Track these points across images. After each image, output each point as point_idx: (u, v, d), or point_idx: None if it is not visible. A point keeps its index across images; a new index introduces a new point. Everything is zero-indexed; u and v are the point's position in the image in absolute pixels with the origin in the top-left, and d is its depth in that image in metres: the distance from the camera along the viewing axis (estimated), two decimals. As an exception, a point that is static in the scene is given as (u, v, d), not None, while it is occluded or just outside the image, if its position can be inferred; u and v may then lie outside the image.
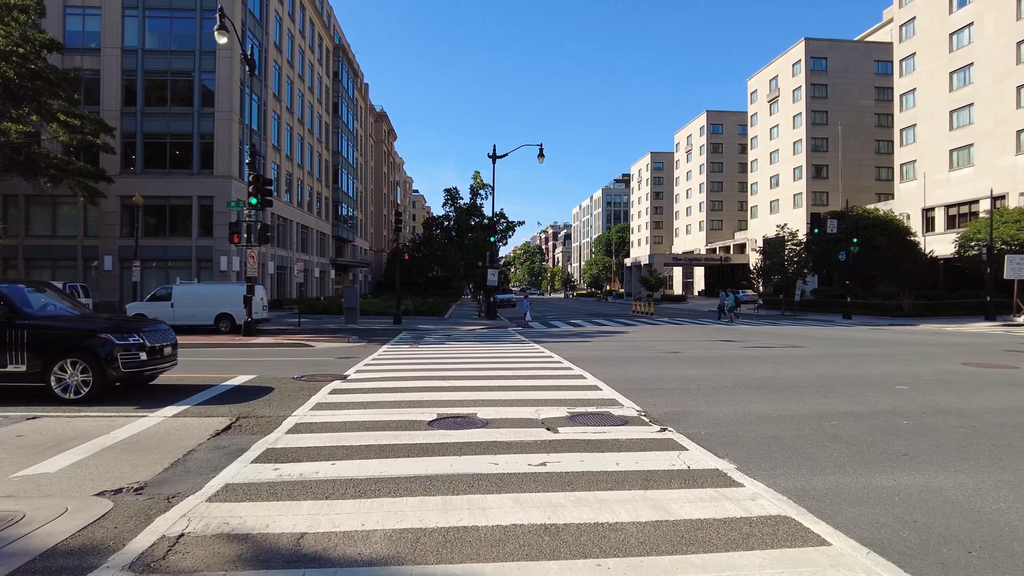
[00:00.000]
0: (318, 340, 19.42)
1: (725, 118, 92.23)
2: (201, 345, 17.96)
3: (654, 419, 7.74)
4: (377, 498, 4.81)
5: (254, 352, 16.45)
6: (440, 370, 12.12)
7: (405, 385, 10.29)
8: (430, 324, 27.74)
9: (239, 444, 6.53)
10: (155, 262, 33.84)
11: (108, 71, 32.89)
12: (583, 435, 6.83)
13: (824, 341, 19.70)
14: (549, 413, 7.98)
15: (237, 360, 14.44)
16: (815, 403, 8.85)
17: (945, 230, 43.96)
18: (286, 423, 7.51)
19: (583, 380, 10.85)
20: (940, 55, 45.05)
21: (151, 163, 33.69)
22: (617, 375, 11.53)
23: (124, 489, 5.05)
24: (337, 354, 15.74)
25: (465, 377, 11.13)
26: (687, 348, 17.30)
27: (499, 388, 9.91)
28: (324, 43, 55.30)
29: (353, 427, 7.25)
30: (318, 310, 33.51)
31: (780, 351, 16.37)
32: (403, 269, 62.02)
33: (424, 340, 20.11)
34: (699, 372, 12.09)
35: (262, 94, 38.78)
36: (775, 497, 4.82)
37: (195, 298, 23.96)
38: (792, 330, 25.59)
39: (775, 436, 6.87)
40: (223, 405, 8.61)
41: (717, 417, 7.89)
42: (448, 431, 7.02)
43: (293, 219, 45.04)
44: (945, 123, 44.50)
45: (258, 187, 20.06)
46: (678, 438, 6.73)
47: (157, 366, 9.46)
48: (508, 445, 6.38)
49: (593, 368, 12.49)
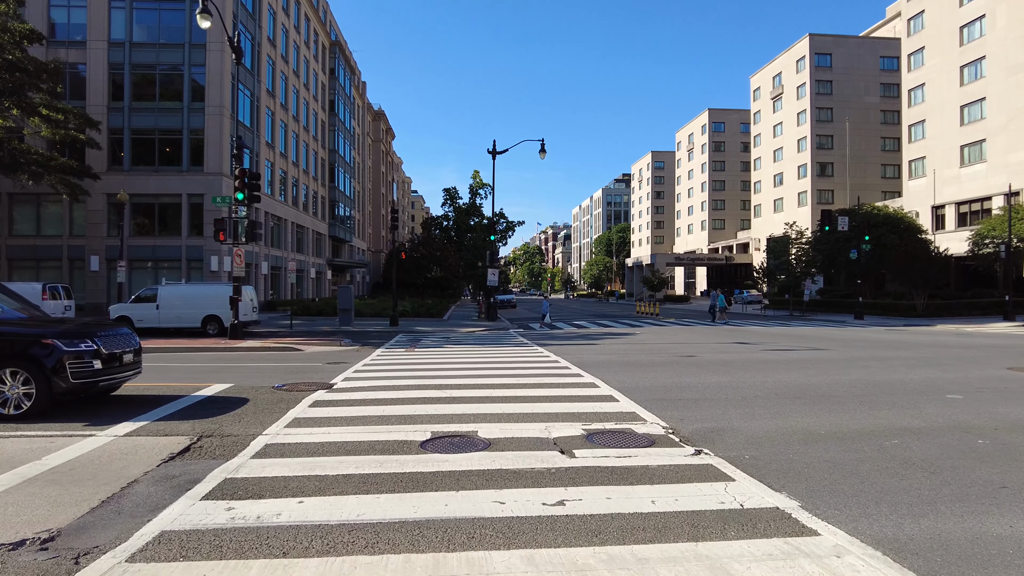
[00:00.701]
0: (308, 343, 18.31)
1: (727, 116, 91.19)
2: (182, 349, 16.84)
3: (685, 438, 6.64)
4: (349, 555, 3.70)
5: (237, 357, 15.34)
6: (437, 377, 11.02)
7: (397, 396, 9.18)
8: (428, 326, 26.64)
9: (193, 473, 5.42)
10: (144, 262, 32.72)
11: (94, 65, 31.77)
12: (605, 460, 5.72)
13: (845, 343, 18.60)
14: (562, 431, 6.88)
15: (217, 366, 13.32)
16: (864, 417, 7.75)
17: (956, 228, 42.88)
18: (254, 444, 6.41)
19: (596, 389, 9.75)
20: (950, 49, 43.99)
21: (139, 160, 32.57)
22: (632, 383, 10.43)
23: (27, 542, 3.94)
24: (327, 359, 14.63)
25: (464, 386, 10.03)
26: (701, 351, 16.19)
27: (502, 399, 8.82)
28: (320, 39, 54.22)
29: (332, 450, 6.15)
30: (312, 312, 32.39)
31: (803, 355, 15.27)
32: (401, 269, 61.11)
33: (421, 343, 19.01)
34: (722, 379, 10.98)
35: (255, 89, 37.68)
36: (866, 552, 3.72)
37: (181, 299, 22.86)
38: (806, 331, 24.50)
39: (833, 460, 5.77)
40: (187, 421, 7.50)
41: (757, 435, 6.79)
42: (444, 455, 5.92)
43: (288, 218, 43.93)
44: (956, 118, 43.43)
45: (245, 182, 18.97)
46: (719, 464, 5.63)
47: (115, 376, 8.35)
48: (516, 475, 5.27)
49: (605, 374, 11.38)
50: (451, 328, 25.66)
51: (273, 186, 41.06)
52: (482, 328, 25.89)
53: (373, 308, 33.85)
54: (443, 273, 61.87)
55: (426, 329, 24.85)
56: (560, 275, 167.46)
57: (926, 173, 46.44)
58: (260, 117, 38.46)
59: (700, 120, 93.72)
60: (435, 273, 62.07)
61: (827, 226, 32.76)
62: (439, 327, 26.15)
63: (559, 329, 26.20)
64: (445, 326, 26.89)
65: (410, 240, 73.86)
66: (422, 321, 29.74)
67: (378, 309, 33.04)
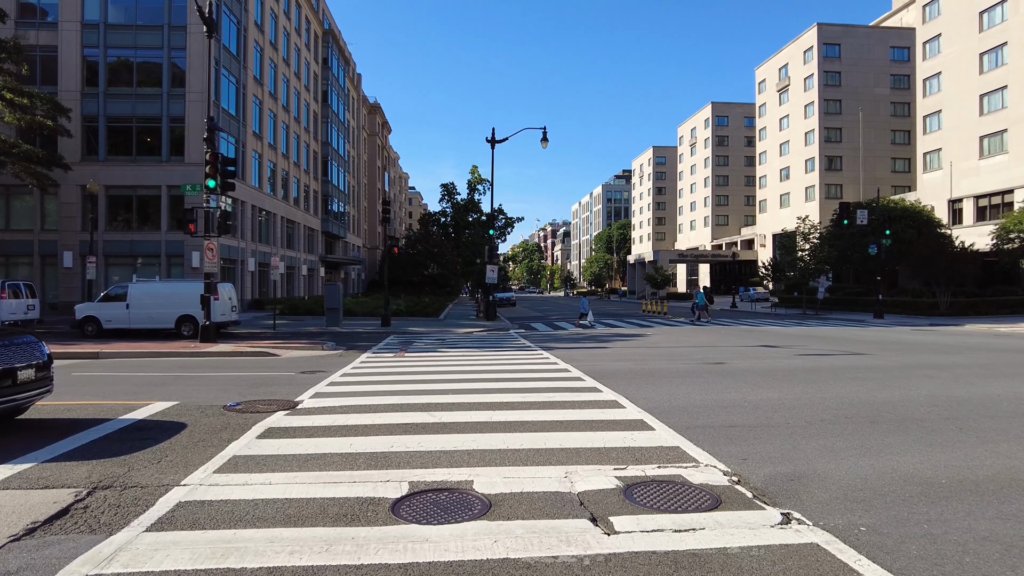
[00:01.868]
0: (287, 347, 16.47)
1: (731, 110, 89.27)
2: (144, 354, 14.99)
3: (759, 491, 4.81)
4: None
5: (202, 364, 13.49)
6: (425, 393, 9.19)
7: (373, 420, 7.34)
8: (422, 326, 24.80)
9: (43, 564, 3.58)
10: (121, 258, 30.81)
11: (67, 47, 29.78)
12: (659, 538, 3.89)
13: (882, 346, 16.78)
14: (588, 479, 5.05)
15: (172, 376, 11.47)
16: (983, 453, 5.92)
17: (975, 222, 41.06)
18: (162, 503, 4.57)
19: (621, 411, 7.91)
20: (969, 35, 42.11)
21: (116, 149, 30.61)
22: (663, 400, 8.61)
23: None
24: (302, 366, 12.79)
25: (458, 405, 8.20)
26: (728, 356, 14.36)
27: (505, 426, 6.99)
28: (312, 27, 52.19)
29: (266, 514, 4.31)
30: (300, 311, 30.53)
31: (845, 361, 13.44)
32: (397, 267, 59.41)
33: (413, 346, 17.19)
34: (771, 394, 9.15)
35: (241, 76, 35.73)
36: None
37: (153, 298, 21.01)
38: (828, 332, 22.69)
39: (1000, 538, 3.93)
40: (88, 461, 5.66)
41: (854, 485, 4.96)
42: (424, 527, 4.08)
43: (278, 212, 42.00)
44: (975, 108, 41.57)
45: (217, 168, 17.09)
46: (828, 543, 3.80)
47: (9, 398, 6.50)
48: (530, 571, 3.44)
49: (627, 389, 9.55)
50: (447, 328, 23.83)
51: (261, 178, 39.14)
52: (480, 328, 24.06)
53: (365, 307, 31.98)
54: (440, 270, 60.10)
55: (420, 330, 23.01)
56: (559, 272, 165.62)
57: (942, 166, 44.61)
58: (247, 105, 36.51)
59: (703, 114, 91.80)
60: (432, 270, 60.30)
61: (845, 219, 30.99)
62: (434, 327, 24.31)
63: (563, 330, 24.38)
64: (441, 326, 25.06)
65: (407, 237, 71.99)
66: (417, 321, 27.90)
67: (371, 308, 31.18)
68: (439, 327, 24.49)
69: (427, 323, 26.65)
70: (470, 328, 24.04)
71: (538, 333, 22.61)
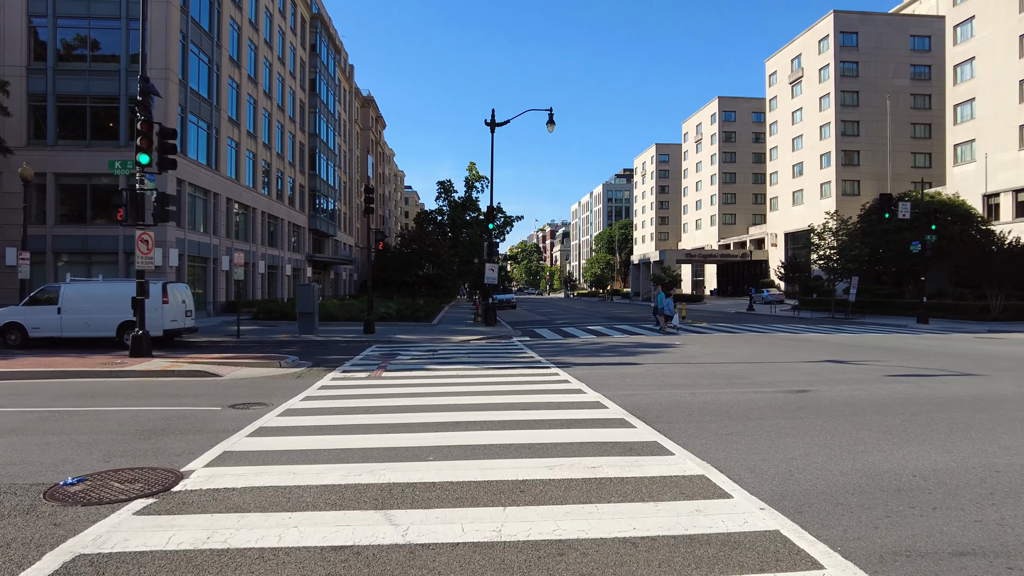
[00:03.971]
0: (238, 363, 13.11)
1: (738, 104, 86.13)
2: (41, 375, 11.62)
3: None
4: None
5: (110, 391, 10.11)
6: (394, 452, 5.85)
7: (300, 520, 3.97)
8: (412, 333, 21.47)
9: None
10: (74, 255, 27.41)
11: (9, 16, 26.32)
12: None
13: (983, 362, 13.47)
14: None
15: (47, 413, 8.09)
16: None
17: (1014, 218, 37.87)
18: None
19: (724, 501, 4.55)
20: (1008, 15, 38.94)
21: (67, 133, 27.18)
22: (778, 471, 5.27)
23: None
24: (240, 395, 9.44)
25: (440, 486, 4.86)
26: (801, 378, 11.02)
27: (523, 549, 3.63)
28: (299, 10, 48.80)
29: None
30: (275, 315, 27.15)
31: (965, 387, 10.12)
32: (391, 267, 56.05)
33: (396, 359, 13.88)
34: (940, 459, 5.79)
35: (215, 55, 32.35)
36: None
37: (91, 301, 17.71)
38: (886, 341, 19.38)
39: None
40: None
41: None
42: None
43: (258, 207, 38.61)
44: (1014, 94, 38.38)
45: (151, 139, 13.73)
46: None
47: None
48: None
49: (706, 444, 6.22)
50: (440, 336, 20.49)
51: (239, 169, 35.75)
52: (478, 336, 20.73)
53: (349, 310, 28.59)
54: (436, 270, 56.84)
55: (409, 338, 19.67)
56: (559, 273, 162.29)
57: (975, 158, 41.42)
58: (221, 88, 33.13)
59: (709, 109, 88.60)
60: (428, 270, 57.01)
61: (887, 213, 27.71)
62: (426, 335, 20.98)
63: (574, 338, 21.05)
64: (433, 333, 21.72)
65: (401, 235, 68.59)
66: (406, 327, 24.54)
67: (355, 311, 27.80)
68: (431, 335, 21.14)
69: (418, 329, 23.31)
70: (467, 336, 20.71)
71: (546, 342, 19.29)
